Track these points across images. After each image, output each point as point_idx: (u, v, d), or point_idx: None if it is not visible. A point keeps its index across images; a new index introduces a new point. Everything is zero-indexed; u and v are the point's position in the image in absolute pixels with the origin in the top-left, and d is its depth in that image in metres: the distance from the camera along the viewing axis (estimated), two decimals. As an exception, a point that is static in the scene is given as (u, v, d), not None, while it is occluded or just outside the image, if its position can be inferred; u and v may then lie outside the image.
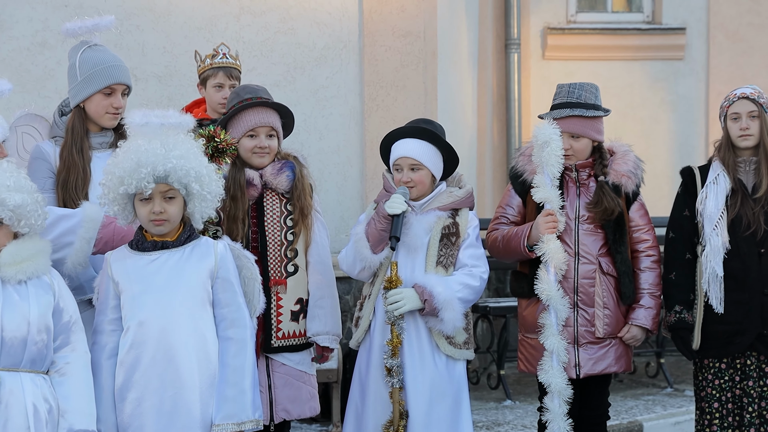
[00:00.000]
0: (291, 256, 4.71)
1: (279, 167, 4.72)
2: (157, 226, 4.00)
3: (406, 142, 4.67)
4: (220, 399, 3.97)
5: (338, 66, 7.30)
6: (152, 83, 6.92)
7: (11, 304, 3.75)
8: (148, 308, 3.96)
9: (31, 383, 3.76)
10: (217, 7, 7.09)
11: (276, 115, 4.76)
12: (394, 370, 4.53)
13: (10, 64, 6.79)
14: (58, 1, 6.80)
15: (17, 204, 3.77)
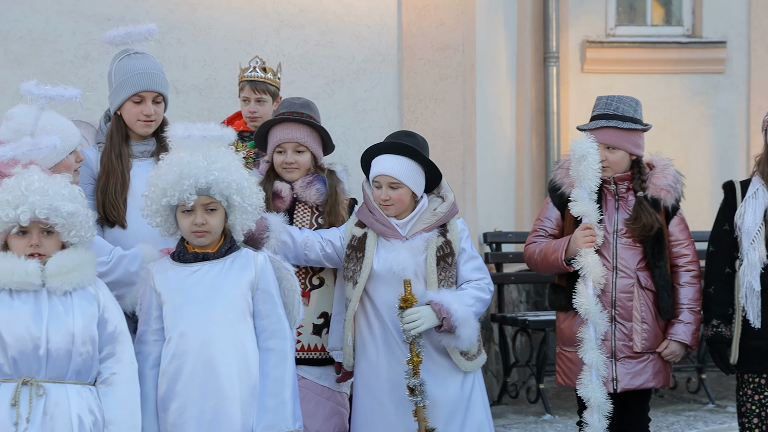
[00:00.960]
0: (316, 269, 4.72)
1: (309, 180, 4.74)
2: (198, 238, 4.03)
3: (386, 158, 4.58)
4: (261, 409, 3.98)
5: (377, 79, 7.32)
6: (193, 96, 6.98)
7: (56, 316, 3.78)
8: (189, 319, 3.99)
9: (77, 395, 3.77)
10: (257, 20, 7.14)
11: (306, 129, 4.75)
12: (417, 389, 4.49)
13: (54, 77, 6.86)
14: (101, 15, 6.88)
15: (70, 212, 3.80)
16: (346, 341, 4.58)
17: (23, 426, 3.67)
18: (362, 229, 4.62)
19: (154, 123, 4.52)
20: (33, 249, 3.79)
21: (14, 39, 6.81)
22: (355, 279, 4.55)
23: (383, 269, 4.54)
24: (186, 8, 7.03)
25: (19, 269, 3.75)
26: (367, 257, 4.55)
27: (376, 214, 4.60)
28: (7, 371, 3.72)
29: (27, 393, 3.70)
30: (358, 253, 4.58)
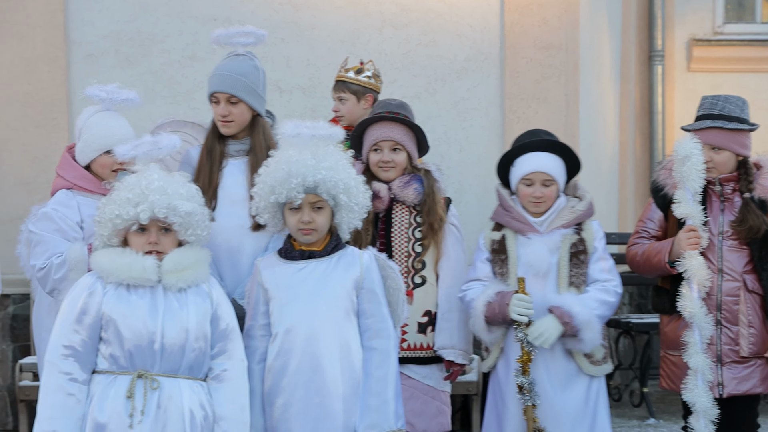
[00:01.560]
0: (419, 268, 4.73)
1: (406, 180, 4.76)
2: (305, 236, 4.07)
3: (538, 156, 4.63)
4: (364, 408, 4.00)
5: (479, 78, 7.30)
6: (296, 95, 7.07)
7: (171, 312, 3.84)
8: (294, 316, 4.02)
9: (189, 389, 3.83)
10: (359, 20, 7.19)
11: (403, 129, 4.78)
12: (526, 388, 4.48)
13: (162, 77, 7.03)
14: (207, 16, 7.01)
15: (188, 212, 3.87)
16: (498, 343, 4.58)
17: (138, 418, 3.74)
18: (500, 232, 4.67)
19: (233, 123, 4.53)
20: (151, 246, 3.87)
21: (124, 40, 6.97)
22: (505, 281, 4.58)
23: (523, 265, 4.57)
24: (290, 8, 7.11)
25: (137, 265, 3.83)
26: (511, 257, 4.59)
27: (512, 212, 4.65)
28: (123, 364, 3.80)
29: (142, 386, 3.77)
30: (501, 255, 4.63)
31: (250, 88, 4.51)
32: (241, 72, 4.51)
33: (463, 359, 4.71)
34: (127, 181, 3.91)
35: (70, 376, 3.76)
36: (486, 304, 4.56)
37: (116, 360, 3.80)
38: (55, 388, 3.75)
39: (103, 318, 3.81)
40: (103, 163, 4.46)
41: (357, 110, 5.67)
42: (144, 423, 3.74)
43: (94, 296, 3.83)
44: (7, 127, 6.93)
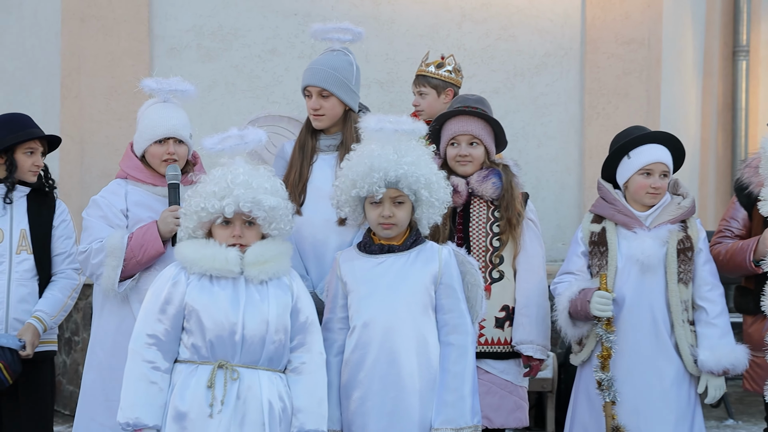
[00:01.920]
0: (496, 263, 4.71)
1: (485, 175, 4.74)
2: (385, 230, 4.08)
3: (658, 147, 4.61)
4: (440, 404, 4.00)
5: (559, 73, 7.25)
6: (374, 89, 7.09)
7: (252, 304, 3.87)
8: (373, 310, 4.03)
9: (268, 381, 3.86)
10: (439, 14, 7.18)
11: (481, 123, 4.76)
12: (605, 384, 4.46)
13: (242, 71, 7.11)
14: (288, 10, 7.06)
15: (272, 206, 3.89)
16: (594, 335, 4.57)
17: (218, 408, 3.77)
18: (600, 224, 4.65)
19: (325, 117, 4.55)
20: (235, 239, 3.90)
21: (206, 34, 7.06)
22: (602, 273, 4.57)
23: (624, 258, 4.54)
24: (370, 3, 7.13)
25: (220, 256, 3.87)
26: (611, 249, 4.57)
27: (617, 205, 4.63)
28: (204, 354, 3.84)
29: (222, 376, 3.80)
30: (600, 247, 4.61)
31: (342, 82, 4.53)
32: (334, 66, 4.53)
33: (541, 354, 4.69)
34: (212, 174, 3.95)
35: (153, 365, 3.81)
36: (569, 300, 4.54)
37: (198, 350, 3.84)
38: (138, 376, 3.80)
39: (186, 308, 3.86)
40: (153, 153, 4.49)
41: (437, 105, 5.67)
42: (223, 413, 3.77)
43: (178, 286, 3.88)
44: (91, 119, 7.06)
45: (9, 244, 4.64)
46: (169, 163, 4.44)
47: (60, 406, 7.31)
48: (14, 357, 4.57)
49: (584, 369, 4.69)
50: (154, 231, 4.34)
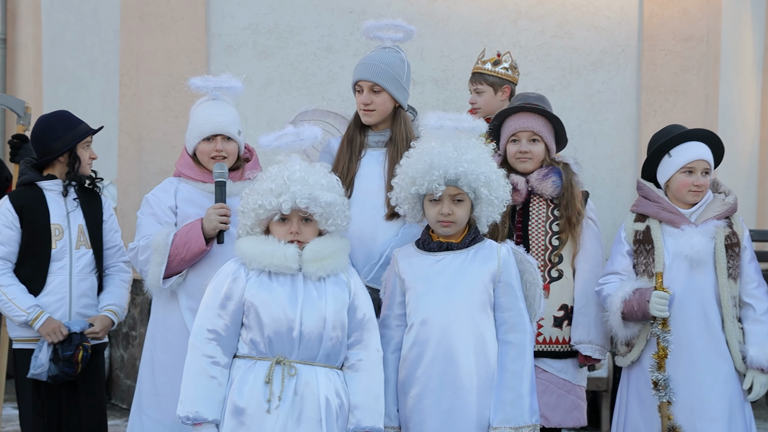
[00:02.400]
0: (555, 262, 4.69)
1: (545, 173, 4.71)
2: (443, 228, 4.07)
3: (699, 145, 4.58)
4: (498, 402, 3.98)
5: (615, 71, 7.20)
6: (429, 87, 7.09)
7: (310, 300, 3.89)
8: (431, 307, 4.02)
9: (325, 377, 3.87)
10: (494, 12, 7.16)
11: (541, 120, 4.74)
12: (661, 384, 4.42)
13: (298, 68, 7.15)
14: (344, 8, 7.09)
15: (328, 202, 3.91)
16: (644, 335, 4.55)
17: (275, 403, 3.80)
18: (643, 223, 4.62)
19: (375, 112, 4.54)
20: (293, 236, 3.92)
21: (262, 32, 7.11)
22: (649, 272, 4.53)
23: (672, 255, 4.52)
24: (425, 1, 7.13)
25: (279, 253, 3.89)
26: (657, 247, 4.54)
27: (662, 203, 4.60)
28: (262, 350, 3.86)
29: (280, 372, 3.83)
30: (646, 245, 4.57)
31: (394, 78, 4.52)
32: (386, 62, 4.53)
33: (600, 354, 4.66)
34: (269, 171, 3.97)
35: (212, 360, 3.84)
36: (623, 301, 4.50)
37: (256, 345, 3.87)
38: (198, 370, 3.83)
39: (245, 304, 3.88)
40: (202, 150, 4.51)
41: (494, 102, 5.65)
42: (281, 408, 3.79)
43: (238, 282, 3.90)
44: (149, 117, 7.14)
45: (69, 240, 4.71)
46: (218, 160, 4.46)
47: (117, 399, 7.40)
48: (86, 338, 4.67)
49: (633, 370, 4.65)
50: (197, 229, 4.36)
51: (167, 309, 4.47)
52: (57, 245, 4.69)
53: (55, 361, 4.61)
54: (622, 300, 4.51)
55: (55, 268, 4.68)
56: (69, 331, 4.64)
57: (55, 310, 4.66)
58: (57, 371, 4.61)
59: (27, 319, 4.61)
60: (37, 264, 4.67)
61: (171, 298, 4.46)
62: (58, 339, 4.60)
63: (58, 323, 4.62)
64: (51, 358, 4.61)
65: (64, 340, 4.61)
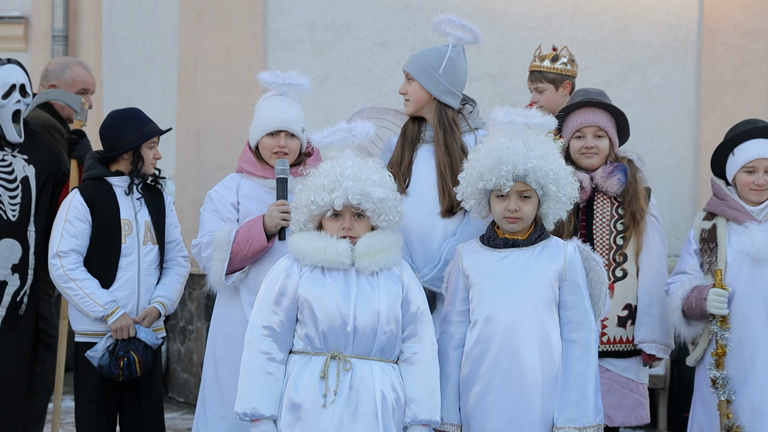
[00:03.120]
0: (620, 261, 4.65)
1: (610, 170, 4.67)
2: (510, 224, 4.03)
3: (761, 143, 4.49)
4: (563, 402, 3.95)
5: (674, 65, 7.12)
6: (485, 82, 7.06)
7: (363, 295, 3.89)
8: (495, 304, 3.99)
9: (381, 371, 3.87)
10: (552, 6, 7.12)
11: (606, 115, 4.71)
12: (720, 382, 4.37)
13: (354, 64, 7.16)
14: (400, 3, 7.09)
15: (381, 198, 3.90)
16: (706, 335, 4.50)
17: (331, 398, 3.81)
18: (711, 221, 4.58)
19: (409, 102, 4.50)
20: (345, 232, 3.93)
21: (319, 28, 7.14)
22: (713, 270, 4.49)
23: (735, 252, 4.47)
24: (483, -5, 7.12)
25: (332, 248, 3.90)
26: (720, 244, 4.50)
27: (728, 201, 4.55)
28: (317, 345, 3.88)
29: (335, 367, 3.84)
30: (710, 244, 4.54)
31: (425, 68, 4.45)
32: (423, 53, 4.50)
33: (663, 353, 4.63)
34: (321, 167, 3.98)
35: (268, 356, 3.86)
36: (683, 299, 4.46)
37: (311, 341, 3.88)
38: (255, 367, 3.86)
39: (299, 300, 3.90)
40: (265, 145, 4.51)
41: (556, 99, 5.58)
42: (337, 403, 3.80)
43: (291, 278, 3.92)
44: (207, 113, 7.21)
45: (136, 236, 4.76)
46: (280, 156, 4.48)
47: (174, 393, 7.49)
48: (148, 352, 4.69)
49: (699, 368, 4.61)
50: (259, 225, 4.37)
51: (229, 304, 4.50)
52: (126, 240, 4.74)
53: (108, 355, 4.67)
54: (681, 298, 4.47)
55: (125, 263, 4.73)
56: (135, 334, 4.68)
57: (124, 305, 4.70)
58: (103, 364, 4.66)
59: (104, 314, 4.66)
60: (108, 259, 4.72)
61: (233, 294, 4.49)
62: (122, 338, 4.66)
63: (129, 323, 4.66)
64: (108, 349, 4.68)
65: (126, 340, 4.66)
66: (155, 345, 4.72)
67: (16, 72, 5.05)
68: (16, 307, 4.99)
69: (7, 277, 4.97)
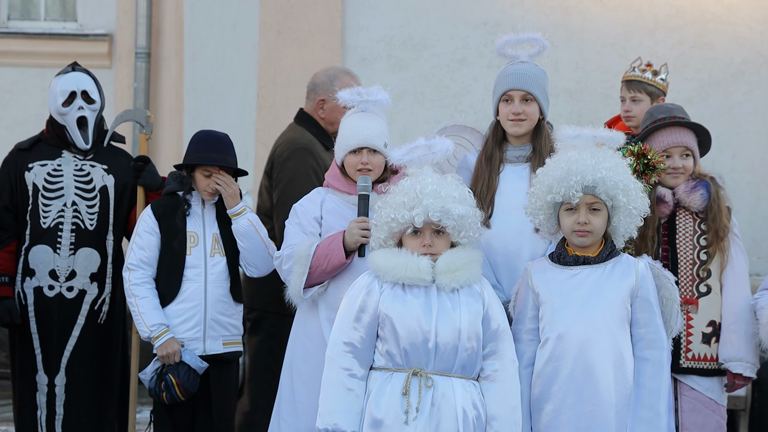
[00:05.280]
0: (703, 276, 4.60)
1: (693, 186, 4.65)
2: (579, 237, 4.02)
3: None
4: (636, 420, 3.92)
5: (756, 81, 7.02)
6: (562, 99, 7.03)
7: (444, 312, 3.90)
8: (568, 322, 3.98)
9: (462, 388, 3.88)
10: (631, 22, 7.07)
11: (691, 134, 4.69)
12: None
13: (431, 80, 7.19)
14: (478, 20, 7.10)
15: (461, 215, 3.92)
16: None
17: (413, 414, 3.82)
18: None
19: (525, 122, 4.47)
20: (426, 249, 3.94)
21: (396, 44, 7.18)
22: None
23: None
24: (561, 12, 7.08)
25: (412, 265, 3.91)
26: None
27: None
28: (399, 361, 3.89)
29: (417, 383, 3.85)
30: None
31: (543, 89, 4.49)
32: (536, 74, 4.49)
33: (750, 372, 4.55)
34: (401, 184, 4.00)
35: (349, 372, 3.88)
36: None
37: (392, 357, 3.89)
38: (336, 383, 3.88)
39: (379, 316, 3.92)
40: (348, 163, 4.51)
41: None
42: (419, 420, 3.81)
43: (372, 295, 3.94)
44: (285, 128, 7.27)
45: (203, 248, 4.83)
46: (364, 173, 4.49)
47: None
48: (191, 376, 4.71)
49: None
50: (339, 242, 4.38)
51: (308, 318, 4.52)
52: (191, 252, 4.81)
53: (156, 378, 4.73)
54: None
55: (190, 274, 4.80)
56: (181, 360, 4.72)
57: (191, 317, 4.77)
58: (152, 386, 4.74)
59: (149, 336, 4.73)
60: (173, 270, 4.80)
61: (312, 308, 4.51)
62: (168, 363, 4.72)
63: (175, 349, 4.71)
64: (156, 372, 4.74)
65: (173, 366, 4.71)
66: (200, 369, 4.75)
67: (78, 79, 5.14)
68: (94, 316, 5.10)
69: (86, 286, 5.09)
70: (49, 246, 5.05)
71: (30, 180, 5.10)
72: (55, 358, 5.07)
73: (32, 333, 5.08)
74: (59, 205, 5.07)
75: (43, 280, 5.06)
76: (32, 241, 5.07)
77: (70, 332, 5.07)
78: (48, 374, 5.07)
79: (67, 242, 5.07)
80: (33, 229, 5.07)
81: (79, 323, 5.08)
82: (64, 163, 5.13)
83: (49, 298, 5.06)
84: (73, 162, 5.14)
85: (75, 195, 5.09)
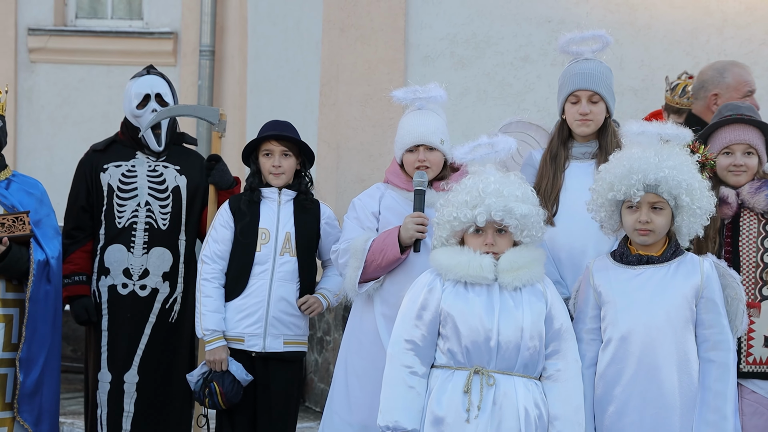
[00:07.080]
0: (767, 280, 4.52)
1: (758, 186, 4.56)
2: (641, 236, 3.97)
3: None
4: (701, 423, 3.88)
5: (828, 79, 6.87)
6: (627, 97, 6.95)
7: (507, 310, 3.88)
8: (631, 323, 3.94)
9: (524, 387, 3.86)
10: (698, 19, 6.97)
11: (757, 133, 4.59)
12: None
13: (494, 78, 7.14)
14: (542, 17, 7.04)
15: (523, 214, 3.90)
16: None
17: (474, 413, 3.81)
18: None
19: (593, 123, 4.46)
20: (488, 248, 3.93)
21: (460, 42, 7.14)
22: None
23: None
24: (626, 9, 7.00)
25: (475, 263, 3.90)
26: None
27: None
28: (460, 359, 3.88)
29: (478, 382, 3.84)
30: None
31: (609, 88, 4.47)
32: (602, 72, 4.48)
33: None
34: (464, 183, 3.98)
35: (410, 369, 3.88)
36: None
37: (454, 355, 3.89)
38: (397, 380, 3.88)
39: (441, 314, 3.91)
40: (407, 161, 4.52)
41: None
42: (480, 418, 3.80)
43: (434, 293, 3.93)
44: (347, 126, 7.28)
45: (274, 245, 4.84)
46: (422, 170, 4.47)
47: (311, 403, 7.58)
48: (235, 387, 4.74)
49: None
50: (394, 237, 4.38)
51: (363, 313, 4.53)
52: (261, 249, 4.82)
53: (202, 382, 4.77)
54: None
55: (257, 271, 4.81)
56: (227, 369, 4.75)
57: (253, 313, 4.78)
58: (196, 390, 4.79)
59: (202, 338, 4.79)
60: (242, 265, 4.82)
61: (367, 303, 4.52)
62: (215, 369, 4.75)
63: (223, 357, 4.74)
64: (203, 376, 4.78)
65: (219, 374, 4.74)
66: (245, 381, 4.77)
67: (151, 82, 5.22)
68: (166, 314, 5.16)
69: (158, 285, 5.15)
70: (123, 245, 5.13)
71: (105, 181, 5.18)
72: (125, 357, 5.13)
73: (102, 330, 5.15)
74: (133, 206, 5.15)
75: (117, 278, 5.14)
76: (107, 241, 5.16)
77: (143, 330, 5.14)
78: (112, 371, 5.12)
79: (141, 241, 5.14)
80: (108, 229, 5.15)
81: (151, 321, 5.15)
82: (138, 164, 5.20)
83: (123, 296, 5.14)
84: (147, 163, 5.21)
85: (148, 195, 5.16)
